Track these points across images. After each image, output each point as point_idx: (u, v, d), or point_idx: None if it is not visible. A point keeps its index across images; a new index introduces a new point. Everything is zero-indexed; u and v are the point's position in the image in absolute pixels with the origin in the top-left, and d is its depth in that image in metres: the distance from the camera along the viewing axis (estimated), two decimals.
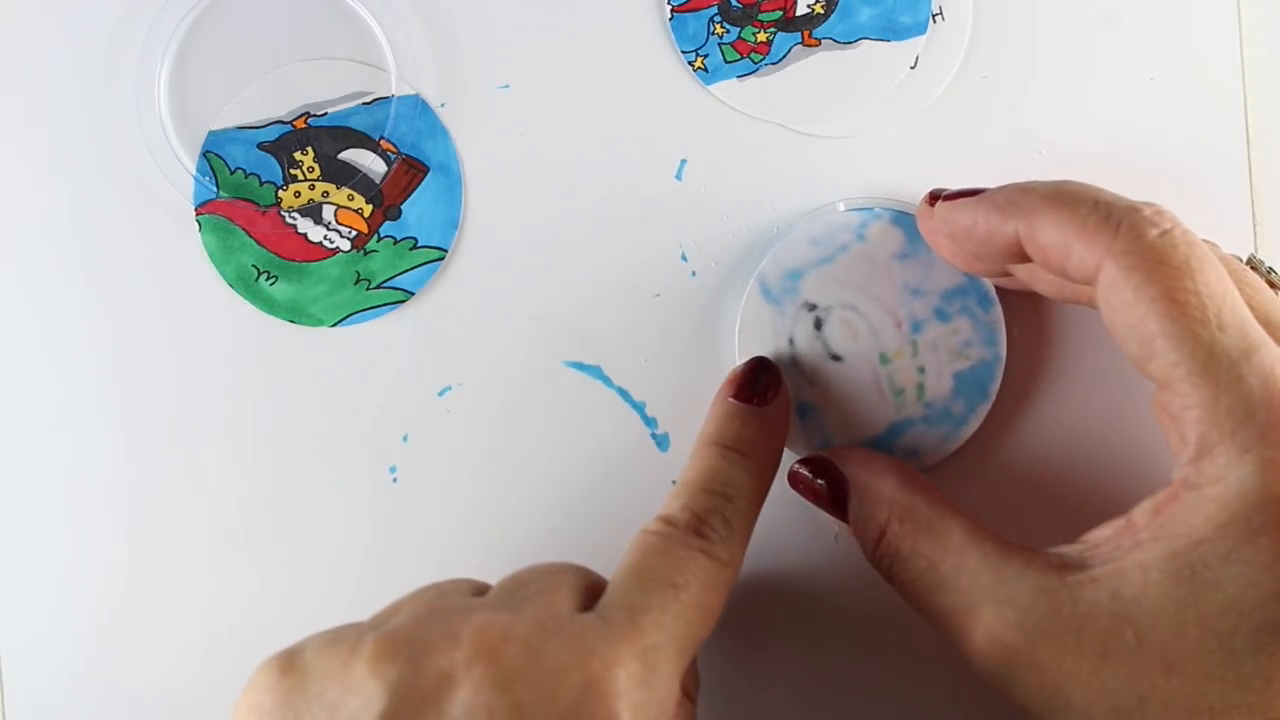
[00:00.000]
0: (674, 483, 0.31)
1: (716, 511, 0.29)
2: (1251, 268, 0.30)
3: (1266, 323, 0.27)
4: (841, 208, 0.34)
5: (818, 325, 0.33)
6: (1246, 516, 0.25)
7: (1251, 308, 0.26)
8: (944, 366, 0.33)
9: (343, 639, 0.26)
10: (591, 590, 0.28)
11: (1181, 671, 0.25)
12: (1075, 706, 0.26)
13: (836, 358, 0.33)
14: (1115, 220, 0.26)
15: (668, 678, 0.26)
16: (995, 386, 0.33)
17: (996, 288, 0.33)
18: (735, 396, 0.32)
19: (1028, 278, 0.30)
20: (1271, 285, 0.30)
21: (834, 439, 0.33)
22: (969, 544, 0.28)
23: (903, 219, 0.33)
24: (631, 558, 0.28)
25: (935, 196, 0.32)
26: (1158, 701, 0.25)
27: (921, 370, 0.33)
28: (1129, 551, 0.26)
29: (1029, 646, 0.26)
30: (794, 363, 0.33)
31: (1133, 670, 0.25)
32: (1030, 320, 0.34)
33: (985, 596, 0.27)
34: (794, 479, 0.32)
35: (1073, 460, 0.34)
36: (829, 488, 0.31)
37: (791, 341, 0.33)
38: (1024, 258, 0.29)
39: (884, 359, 0.33)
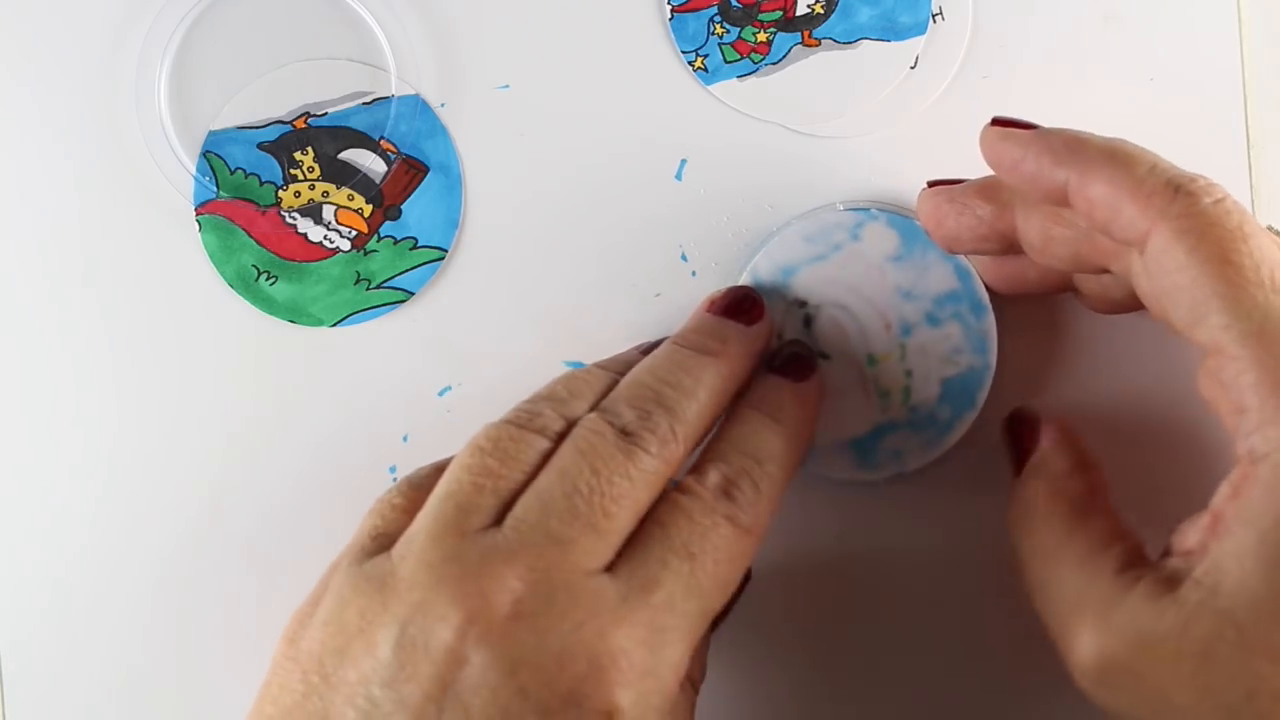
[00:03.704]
0: None
1: (746, 474, 0.29)
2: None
3: None
4: (840, 207, 0.34)
5: (806, 323, 0.33)
6: None
7: None
8: (932, 371, 0.33)
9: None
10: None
11: None
12: (1179, 707, 0.25)
13: (824, 356, 0.33)
14: (1172, 185, 0.26)
15: (674, 663, 0.27)
16: (983, 395, 0.33)
17: (990, 294, 0.33)
18: (768, 367, 0.32)
19: (1040, 239, 0.29)
20: None
21: (817, 436, 0.33)
22: (1092, 554, 0.28)
23: (899, 221, 0.33)
24: (652, 520, 0.28)
25: (933, 183, 0.32)
26: (1267, 694, 0.24)
27: (909, 374, 0.33)
28: (1221, 541, 0.25)
29: (1129, 657, 0.26)
30: None
31: (1237, 666, 0.24)
32: (1023, 331, 0.34)
33: (1096, 601, 0.27)
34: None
35: None
36: (1021, 444, 0.31)
37: (780, 338, 0.33)
38: (1060, 203, 0.28)
39: (871, 360, 0.33)
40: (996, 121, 0.29)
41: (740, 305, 0.32)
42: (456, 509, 0.27)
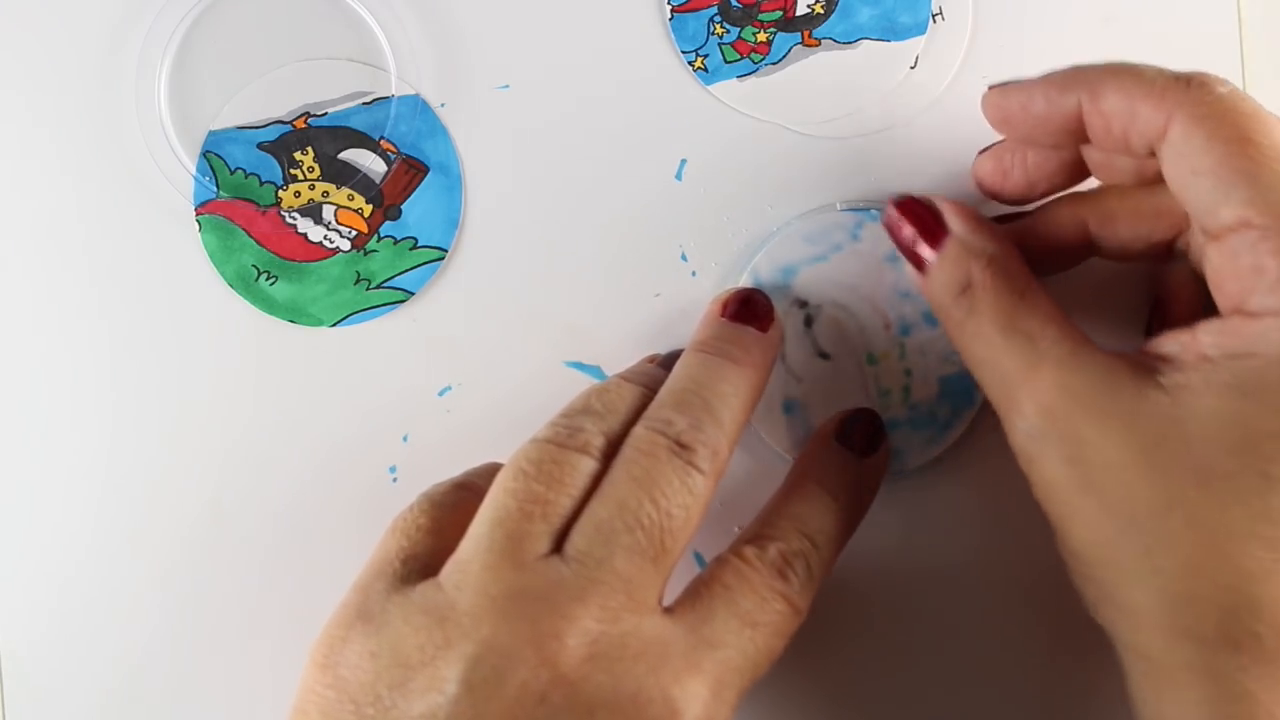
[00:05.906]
0: None
1: (802, 556, 0.29)
2: None
3: None
4: (840, 207, 0.34)
5: (807, 323, 0.34)
6: None
7: None
8: (931, 370, 0.33)
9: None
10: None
11: (1215, 488, 0.25)
12: (1102, 493, 0.26)
13: (824, 355, 0.34)
14: (1183, 79, 0.27)
15: (725, 718, 0.27)
16: (982, 393, 0.33)
17: None
18: (836, 436, 0.32)
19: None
20: None
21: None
22: (1052, 318, 0.28)
23: None
24: (717, 581, 0.29)
25: (995, 87, 0.31)
26: (1184, 512, 0.25)
27: (908, 373, 0.33)
28: (1197, 365, 0.26)
29: (1079, 416, 0.27)
30: (782, 359, 0.34)
31: (1169, 475, 0.25)
32: None
33: (1052, 359, 0.27)
34: (888, 216, 0.32)
35: None
36: (925, 230, 0.31)
37: (782, 339, 0.33)
38: (1079, 137, 0.29)
39: (871, 359, 0.34)
40: (993, 87, 0.30)
41: (751, 307, 0.32)
42: (508, 538, 0.27)
